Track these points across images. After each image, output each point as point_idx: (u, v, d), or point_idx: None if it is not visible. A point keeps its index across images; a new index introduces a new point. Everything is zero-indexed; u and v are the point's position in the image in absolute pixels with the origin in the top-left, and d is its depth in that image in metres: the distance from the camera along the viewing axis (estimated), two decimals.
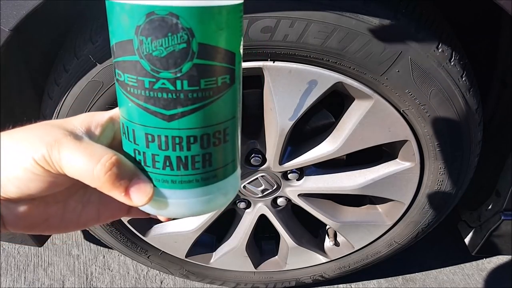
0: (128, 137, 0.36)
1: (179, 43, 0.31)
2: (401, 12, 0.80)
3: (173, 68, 0.31)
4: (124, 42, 0.32)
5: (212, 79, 0.33)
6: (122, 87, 0.34)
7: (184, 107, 0.33)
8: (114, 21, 0.32)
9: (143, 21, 0.30)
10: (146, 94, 0.33)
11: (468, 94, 0.89)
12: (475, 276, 1.52)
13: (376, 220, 1.18)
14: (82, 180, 0.34)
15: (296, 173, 1.06)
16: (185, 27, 0.30)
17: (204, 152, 0.35)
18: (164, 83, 0.32)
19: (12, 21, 0.70)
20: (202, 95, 0.33)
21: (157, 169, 0.35)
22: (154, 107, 0.33)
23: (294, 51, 0.81)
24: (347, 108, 0.95)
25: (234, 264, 1.28)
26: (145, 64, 0.32)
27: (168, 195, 0.36)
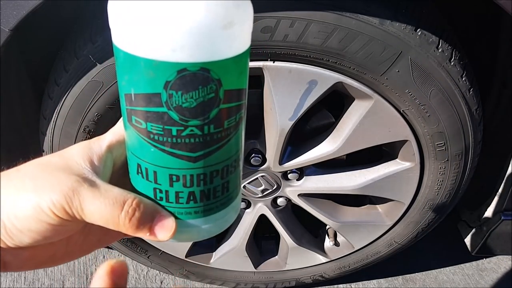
0: (147, 177, 0.36)
1: (209, 93, 0.31)
2: (401, 12, 0.80)
3: (202, 116, 0.32)
4: (148, 94, 0.32)
5: (233, 118, 0.35)
6: (142, 134, 0.34)
7: (210, 147, 0.34)
8: (136, 73, 0.31)
9: (174, 77, 0.30)
10: (173, 140, 0.33)
11: (468, 94, 0.89)
12: (475, 276, 1.52)
13: (376, 220, 1.18)
14: (105, 226, 0.34)
15: (296, 173, 1.06)
16: (215, 78, 0.31)
17: (224, 182, 0.37)
18: (192, 130, 0.33)
19: (12, 21, 0.70)
20: (225, 134, 0.34)
21: (180, 204, 0.36)
22: (181, 151, 0.34)
23: (294, 51, 0.81)
24: (347, 108, 0.95)
25: (234, 264, 1.28)
26: (173, 115, 0.32)
27: (191, 225, 0.38)
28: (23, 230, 0.33)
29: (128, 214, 0.34)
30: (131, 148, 0.36)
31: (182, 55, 0.30)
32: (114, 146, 0.39)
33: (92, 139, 0.39)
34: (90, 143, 0.38)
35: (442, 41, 0.83)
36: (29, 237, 0.34)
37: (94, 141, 0.39)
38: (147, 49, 0.30)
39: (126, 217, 0.34)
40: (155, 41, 0.29)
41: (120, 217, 0.34)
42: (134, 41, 0.30)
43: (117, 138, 0.39)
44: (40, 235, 0.34)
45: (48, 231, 0.34)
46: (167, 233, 0.36)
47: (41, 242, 0.35)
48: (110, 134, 0.39)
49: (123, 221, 0.34)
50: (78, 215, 0.34)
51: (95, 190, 0.34)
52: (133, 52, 0.30)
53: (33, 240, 0.34)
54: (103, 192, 0.34)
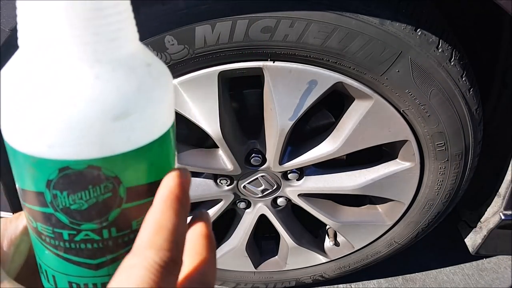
0: (48, 280, 0.31)
1: (103, 193, 0.26)
2: (401, 12, 0.80)
3: (98, 219, 0.27)
4: (32, 192, 0.27)
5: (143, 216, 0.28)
6: (35, 233, 0.29)
7: (115, 253, 0.28)
8: (18, 167, 0.27)
9: (55, 175, 0.26)
10: (66, 245, 0.28)
11: (468, 94, 0.89)
12: (475, 276, 1.52)
13: (376, 220, 1.18)
14: None
15: (296, 173, 1.06)
16: (110, 176, 0.26)
17: None
18: (87, 234, 0.27)
19: (12, 21, 0.70)
20: (135, 235, 0.27)
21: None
22: (77, 257, 0.28)
23: (294, 51, 0.81)
24: (347, 108, 0.95)
25: (234, 264, 1.28)
26: (62, 218, 0.27)
27: None
28: None
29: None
30: (32, 243, 0.31)
31: (61, 152, 0.25)
32: None
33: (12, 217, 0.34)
34: (6, 223, 0.33)
35: (442, 41, 0.83)
36: None
37: (11, 220, 0.33)
38: (24, 143, 0.25)
39: None
40: (29, 134, 0.25)
41: None
42: (10, 132, 0.26)
43: None
44: None
45: None
46: None
47: None
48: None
49: None
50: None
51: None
52: (12, 144, 0.26)
53: None
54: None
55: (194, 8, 0.76)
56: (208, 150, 1.04)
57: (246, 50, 0.80)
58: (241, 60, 0.83)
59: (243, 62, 0.83)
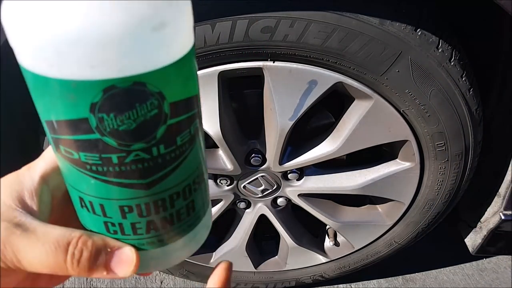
0: (94, 211, 0.30)
1: (149, 110, 0.26)
2: (401, 12, 0.80)
3: (146, 137, 0.27)
4: (73, 121, 0.26)
5: (186, 132, 0.29)
6: (77, 165, 0.28)
7: (164, 170, 0.29)
8: (52, 98, 0.25)
9: (100, 97, 0.25)
10: (116, 169, 0.28)
11: (468, 94, 0.89)
12: (475, 276, 1.52)
13: (376, 220, 1.18)
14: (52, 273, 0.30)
15: (296, 173, 1.06)
16: (155, 92, 0.26)
17: (187, 202, 0.32)
18: (138, 155, 0.27)
19: None
20: (180, 151, 0.29)
21: (139, 235, 0.31)
22: (128, 180, 0.28)
23: (294, 51, 0.81)
24: (347, 108, 0.95)
25: (234, 264, 1.28)
26: (110, 141, 0.26)
27: (157, 254, 0.33)
28: None
29: (75, 257, 0.29)
30: (68, 180, 0.30)
31: (104, 71, 0.24)
32: (50, 176, 0.33)
33: (21, 170, 0.33)
34: (18, 176, 0.32)
35: (442, 41, 0.83)
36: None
37: (23, 173, 0.33)
38: (61, 68, 0.24)
39: (73, 261, 0.29)
40: (68, 56, 0.23)
41: (67, 261, 0.29)
42: (42, 59, 0.24)
43: (52, 165, 0.33)
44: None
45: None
46: (127, 267, 0.30)
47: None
48: (42, 161, 0.33)
49: (70, 266, 0.29)
50: (15, 266, 0.29)
51: (30, 235, 0.29)
52: (45, 73, 0.24)
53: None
54: (41, 236, 0.29)
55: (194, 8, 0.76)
56: (208, 150, 1.04)
57: (246, 50, 0.80)
58: (241, 60, 0.83)
59: (243, 62, 0.83)
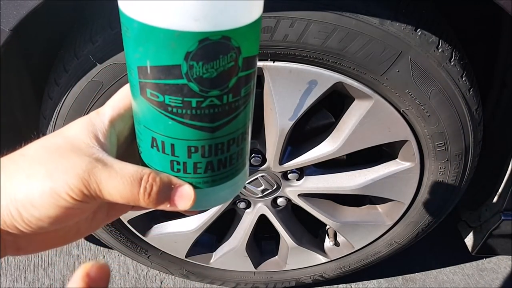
0: (164, 150, 0.35)
1: (229, 62, 0.31)
2: (401, 12, 0.80)
3: (222, 86, 0.32)
4: (167, 66, 0.30)
5: (248, 85, 0.34)
6: (159, 107, 0.33)
7: (228, 116, 0.34)
8: (153, 45, 0.30)
9: (195, 47, 0.29)
10: (193, 112, 0.33)
11: (468, 94, 0.89)
12: (475, 276, 1.52)
13: (376, 220, 1.18)
14: (126, 203, 0.35)
15: (296, 173, 1.06)
16: (235, 46, 0.31)
17: (239, 149, 0.37)
18: (212, 100, 0.32)
19: (12, 21, 0.70)
20: (242, 102, 0.34)
21: (198, 174, 0.36)
22: (200, 122, 0.33)
23: (294, 51, 0.81)
24: (347, 108, 0.95)
25: (234, 264, 1.28)
26: (194, 86, 0.31)
27: (209, 192, 0.38)
28: (41, 217, 0.33)
29: (147, 190, 0.34)
30: (144, 122, 0.35)
31: (204, 24, 0.29)
32: (116, 121, 0.38)
33: (91, 114, 0.38)
34: (91, 120, 0.37)
35: (442, 41, 0.83)
36: (48, 223, 0.33)
37: (94, 117, 0.37)
38: (168, 19, 0.28)
39: (145, 193, 0.34)
40: (177, 10, 0.28)
41: (139, 193, 0.34)
42: (152, 10, 0.29)
43: (118, 112, 0.38)
44: (59, 220, 0.34)
45: (66, 215, 0.34)
46: (187, 202, 0.36)
47: (59, 226, 0.35)
48: (109, 108, 0.38)
49: (142, 197, 0.34)
50: (97, 195, 0.33)
51: (110, 169, 0.34)
52: (151, 22, 0.29)
53: (51, 225, 0.34)
54: (119, 170, 0.34)
55: None
56: None
57: None
58: None
59: None
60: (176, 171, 0.36)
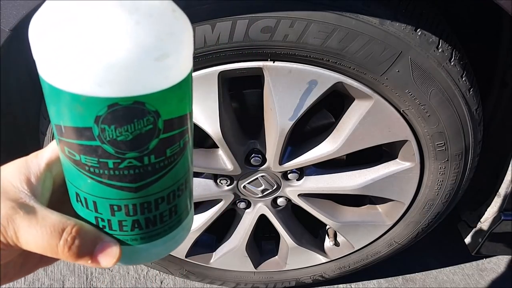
0: (87, 207, 0.34)
1: (145, 125, 0.30)
2: (401, 12, 0.80)
3: (140, 148, 0.31)
4: (78, 128, 0.30)
5: (176, 145, 0.33)
6: (77, 166, 0.32)
7: (151, 177, 0.33)
8: (63, 107, 0.29)
9: (104, 112, 0.28)
10: (111, 173, 0.31)
11: (468, 94, 0.89)
12: (475, 276, 1.52)
13: (376, 220, 1.18)
14: (44, 254, 0.33)
15: (296, 173, 1.06)
16: (151, 110, 0.30)
17: (171, 206, 0.36)
18: (130, 162, 0.31)
19: (12, 21, 0.70)
20: (168, 161, 0.33)
21: (125, 231, 0.35)
22: (120, 182, 0.32)
23: (294, 51, 0.81)
24: (347, 108, 0.95)
25: (234, 264, 1.28)
26: (108, 149, 0.30)
27: (138, 249, 0.36)
28: None
29: (67, 243, 0.32)
30: (67, 176, 0.34)
31: (111, 90, 0.28)
32: (54, 164, 0.37)
33: (29, 156, 0.37)
34: (27, 162, 0.36)
35: (442, 41, 0.83)
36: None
37: (31, 159, 0.36)
38: (73, 84, 0.28)
39: (65, 246, 0.32)
40: (80, 75, 0.27)
41: (58, 246, 0.32)
42: (58, 73, 0.28)
43: (56, 155, 0.37)
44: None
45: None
46: (110, 259, 0.34)
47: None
48: (48, 150, 0.37)
49: (61, 250, 0.32)
50: (13, 243, 0.32)
51: (31, 217, 0.32)
52: (58, 85, 0.28)
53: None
54: (40, 219, 0.32)
55: (194, 8, 0.76)
56: (208, 150, 1.04)
57: (246, 50, 0.80)
58: (241, 60, 0.83)
59: (243, 62, 0.83)
60: (102, 227, 0.35)
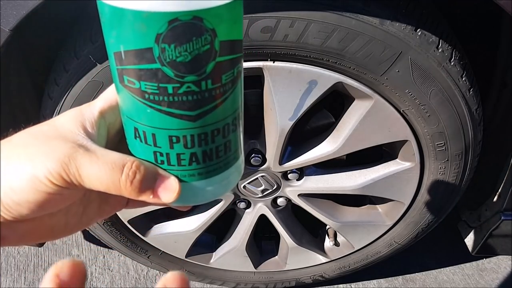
0: (146, 141, 0.34)
1: (203, 45, 0.30)
2: (401, 12, 0.80)
3: (198, 71, 0.31)
4: (139, 50, 0.30)
5: (230, 72, 0.33)
6: (137, 95, 0.32)
7: (209, 104, 0.33)
8: (124, 28, 0.29)
9: (165, 28, 0.29)
10: (170, 99, 0.31)
11: (468, 94, 0.89)
12: (475, 276, 1.52)
13: (376, 220, 1.18)
14: (107, 191, 0.33)
15: (296, 173, 1.06)
16: (209, 28, 0.29)
17: (226, 141, 0.36)
18: (189, 86, 0.31)
19: (12, 21, 0.70)
20: (224, 89, 0.33)
21: (183, 166, 0.35)
22: (179, 110, 0.32)
23: (294, 51, 0.81)
24: (347, 108, 0.95)
25: (234, 264, 1.28)
26: (168, 71, 0.30)
27: (195, 187, 0.36)
28: (20, 202, 0.32)
29: (129, 177, 0.33)
30: (125, 111, 0.34)
31: (172, 4, 0.28)
32: (107, 112, 0.37)
33: (82, 106, 0.37)
34: (81, 110, 0.37)
35: (442, 41, 0.83)
36: (27, 208, 0.32)
37: (85, 108, 0.37)
38: (135, 0, 0.28)
39: (127, 180, 0.33)
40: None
41: (121, 180, 0.32)
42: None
43: (109, 104, 0.37)
44: (39, 205, 0.32)
45: (46, 201, 0.32)
46: (171, 194, 0.34)
47: (40, 213, 0.34)
48: (101, 100, 0.37)
49: (124, 185, 0.33)
50: (77, 181, 0.32)
51: (91, 154, 0.33)
52: (119, 4, 0.28)
53: (31, 211, 0.33)
54: (100, 156, 0.33)
55: None
56: None
57: (246, 50, 0.80)
58: None
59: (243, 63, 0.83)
60: (160, 163, 0.35)
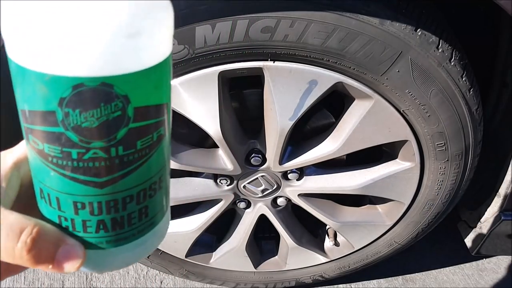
0: (50, 204, 0.31)
1: (113, 111, 0.27)
2: (401, 12, 0.80)
3: (107, 137, 0.28)
4: (42, 112, 0.27)
5: (148, 137, 0.30)
6: (41, 156, 0.29)
7: (119, 171, 0.30)
8: (28, 88, 0.27)
9: (69, 93, 0.26)
10: (74, 164, 0.29)
11: (468, 94, 0.89)
12: (475, 276, 1.52)
13: (376, 220, 1.18)
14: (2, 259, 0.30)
15: (296, 173, 1.06)
16: (121, 95, 0.27)
17: (141, 207, 0.33)
18: (96, 153, 0.28)
19: None
20: (139, 155, 0.30)
21: (89, 233, 0.32)
22: (84, 176, 0.29)
23: (294, 51, 0.81)
24: (347, 108, 0.95)
25: (234, 264, 1.28)
26: (72, 136, 0.28)
27: (103, 255, 0.33)
28: None
29: (26, 245, 0.29)
30: (32, 170, 0.32)
31: (76, 69, 0.26)
32: (22, 162, 0.34)
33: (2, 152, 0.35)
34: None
35: (442, 41, 0.83)
36: None
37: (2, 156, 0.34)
38: (37, 61, 0.26)
39: (23, 249, 0.29)
40: (44, 52, 0.25)
41: (16, 249, 0.29)
42: (22, 51, 0.26)
43: (25, 154, 0.34)
44: None
45: None
46: (74, 264, 0.31)
47: None
48: (18, 149, 0.34)
49: (19, 254, 0.29)
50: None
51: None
52: (23, 64, 0.26)
53: None
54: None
55: (194, 8, 0.76)
56: (208, 150, 1.04)
57: (246, 50, 0.80)
58: (241, 60, 0.83)
59: (243, 62, 0.83)
60: (65, 228, 0.32)
